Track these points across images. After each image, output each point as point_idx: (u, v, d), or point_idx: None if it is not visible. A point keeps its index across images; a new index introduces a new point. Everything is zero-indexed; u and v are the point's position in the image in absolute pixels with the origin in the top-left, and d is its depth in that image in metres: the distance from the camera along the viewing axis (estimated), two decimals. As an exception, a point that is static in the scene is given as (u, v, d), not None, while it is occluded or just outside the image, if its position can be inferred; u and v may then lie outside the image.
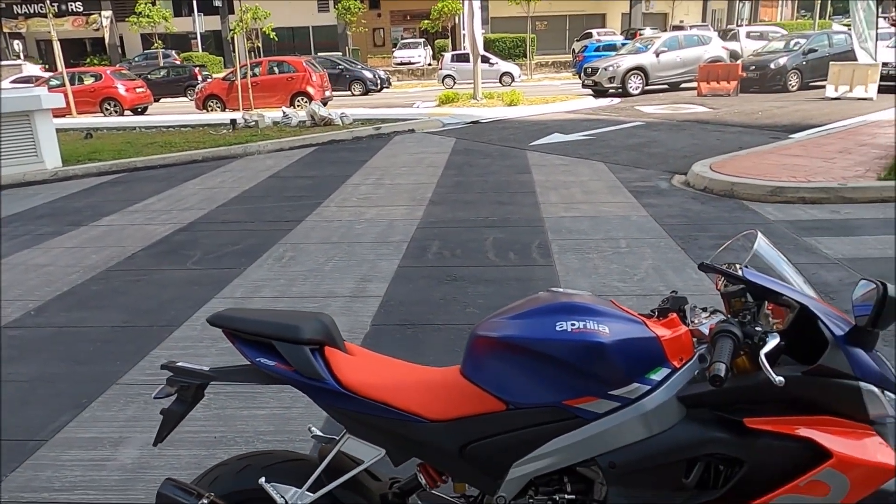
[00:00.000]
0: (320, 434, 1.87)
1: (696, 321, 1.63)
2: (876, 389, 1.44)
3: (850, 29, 16.73)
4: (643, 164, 9.34)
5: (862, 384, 1.43)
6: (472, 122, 14.67)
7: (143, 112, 21.33)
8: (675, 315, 1.63)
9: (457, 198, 7.78)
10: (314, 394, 1.59)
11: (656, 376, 1.50)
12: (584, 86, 19.94)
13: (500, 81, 25.98)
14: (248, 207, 7.73)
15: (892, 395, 1.47)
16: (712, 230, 6.12)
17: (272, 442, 2.96)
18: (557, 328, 1.51)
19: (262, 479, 1.59)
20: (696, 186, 7.96)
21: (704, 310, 1.70)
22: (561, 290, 1.68)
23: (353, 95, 24.99)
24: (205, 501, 1.56)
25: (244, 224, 6.97)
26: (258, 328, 1.62)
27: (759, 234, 1.68)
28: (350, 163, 10.35)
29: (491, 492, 1.58)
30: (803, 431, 1.43)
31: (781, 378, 1.31)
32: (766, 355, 1.38)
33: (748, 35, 25.93)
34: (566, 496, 1.56)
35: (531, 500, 1.56)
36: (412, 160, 10.40)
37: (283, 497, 1.58)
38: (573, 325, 1.51)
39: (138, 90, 21.46)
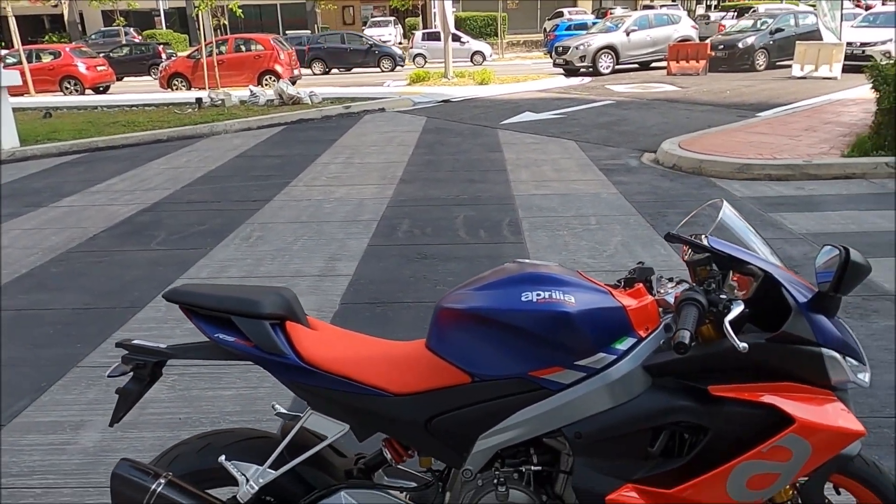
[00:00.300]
0: (284, 412, 1.83)
1: (662, 291, 1.62)
2: (837, 355, 1.44)
3: (815, 9, 16.93)
4: (613, 143, 9.37)
5: (824, 350, 1.44)
6: (443, 101, 14.56)
7: (104, 91, 20.73)
8: (641, 285, 1.62)
9: (427, 176, 7.72)
10: (275, 369, 1.55)
11: (622, 346, 1.49)
12: (555, 65, 19.89)
13: (472, 60, 25.79)
14: (215, 187, 7.57)
15: (854, 361, 1.48)
16: (680, 207, 6.17)
17: (238, 422, 2.91)
18: (523, 298, 1.49)
19: (223, 458, 1.55)
20: (665, 164, 8.01)
21: (670, 280, 1.69)
22: (527, 260, 1.65)
23: (383, 71, 24.60)
24: (162, 481, 1.51)
25: (210, 204, 6.83)
26: (216, 303, 1.57)
27: (725, 204, 1.67)
28: (319, 142, 10.20)
29: (457, 465, 1.56)
30: (766, 398, 1.44)
31: (745, 345, 1.31)
32: (731, 323, 1.37)
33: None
34: (533, 467, 1.55)
35: (497, 473, 1.54)
36: (382, 139, 10.29)
37: (243, 475, 1.55)
38: (539, 295, 1.49)
39: (99, 68, 20.82)
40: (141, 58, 25.02)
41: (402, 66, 25.09)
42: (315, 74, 24.59)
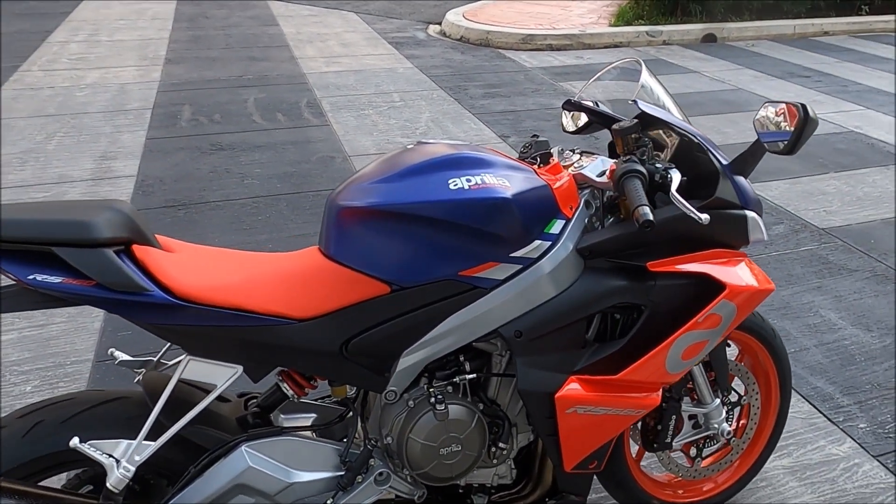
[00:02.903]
0: (128, 358, 1.41)
1: (576, 165, 1.47)
2: (756, 216, 1.43)
3: None
4: (396, 14, 8.95)
5: (747, 212, 1.42)
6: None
7: None
8: (554, 160, 1.44)
9: (199, 55, 6.71)
10: (131, 312, 1.14)
11: (554, 230, 1.32)
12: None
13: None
14: None
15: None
16: (478, 80, 6.13)
17: (32, 375, 2.33)
18: (452, 186, 1.23)
19: (75, 440, 1.13)
20: (453, 36, 7.87)
21: (573, 152, 1.54)
22: (432, 141, 1.38)
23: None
24: None
25: None
26: (25, 231, 1.08)
27: (643, 65, 1.53)
28: (45, 15, 8.31)
29: (378, 389, 1.33)
30: (698, 267, 1.39)
31: (707, 216, 1.22)
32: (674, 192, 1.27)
33: None
34: (466, 377, 1.37)
35: (431, 389, 1.34)
36: (130, 11, 8.68)
37: (110, 456, 1.15)
38: (469, 180, 1.24)
39: None
40: None
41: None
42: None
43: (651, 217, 1.15)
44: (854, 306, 2.83)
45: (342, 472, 1.33)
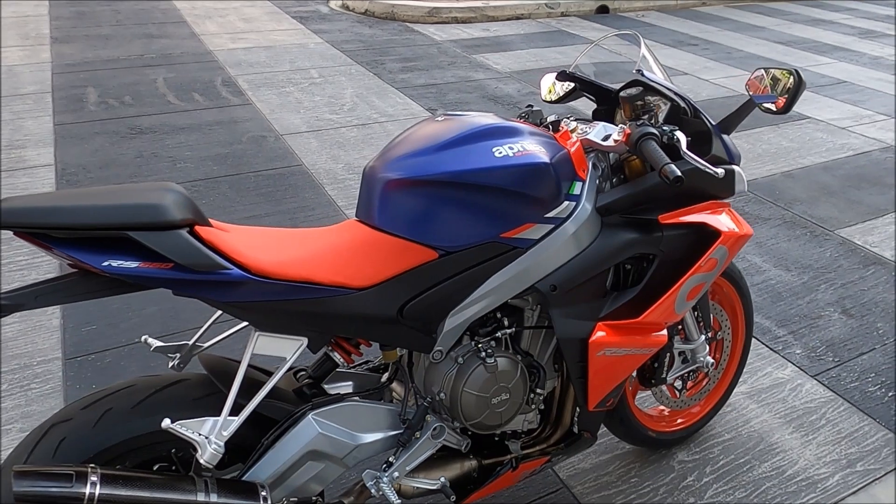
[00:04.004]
0: (162, 344, 1.41)
1: (580, 131, 1.59)
2: (741, 170, 1.62)
3: None
4: (293, -13, 8.69)
5: (735, 167, 1.60)
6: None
7: None
8: (564, 128, 1.56)
9: (88, 32, 6.26)
10: (208, 291, 1.14)
11: (576, 191, 1.45)
12: None
13: None
14: None
15: (738, 171, 1.69)
16: (392, 54, 6.13)
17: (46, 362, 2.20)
18: (497, 154, 1.32)
19: (167, 421, 1.13)
20: (357, 10, 7.78)
21: (569, 118, 1.66)
22: (459, 112, 1.45)
23: None
24: (94, 479, 1.05)
25: None
26: (96, 217, 1.05)
27: (641, 38, 1.66)
28: None
29: (427, 349, 1.41)
30: (698, 217, 1.57)
31: (721, 170, 1.38)
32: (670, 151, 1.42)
33: None
34: (507, 331, 1.48)
35: (479, 345, 1.43)
36: (-6, -15, 7.89)
37: (200, 434, 1.16)
38: (511, 148, 1.34)
39: None
40: None
41: None
42: None
43: (679, 173, 1.30)
44: (773, 250, 3.18)
45: (401, 430, 1.41)
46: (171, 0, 7.68)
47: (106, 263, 1.07)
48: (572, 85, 1.80)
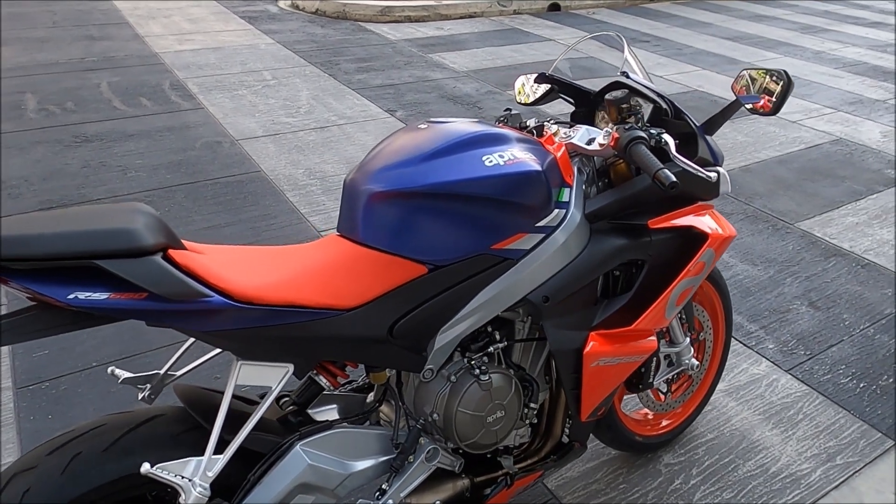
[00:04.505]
0: (132, 375, 1.31)
1: (562, 135, 1.55)
2: (725, 172, 1.61)
3: None
4: (240, -14, 8.46)
5: (719, 169, 1.58)
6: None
7: None
8: (548, 133, 1.52)
9: (21, 35, 5.95)
10: (185, 321, 1.05)
11: (564, 198, 1.40)
12: None
13: None
14: None
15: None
16: (347, 54, 6.02)
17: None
18: (487, 163, 1.26)
19: (146, 466, 1.03)
20: (307, 10, 7.62)
21: (549, 122, 1.62)
22: (440, 120, 1.39)
23: None
24: None
25: None
26: (60, 245, 0.95)
27: (624, 40, 1.63)
28: None
29: (417, 368, 1.34)
30: (686, 221, 1.54)
31: (714, 174, 1.35)
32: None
33: None
34: (499, 345, 1.42)
35: (471, 362, 1.37)
36: (-83, -14, 7.44)
37: (182, 477, 1.07)
38: (501, 157, 1.28)
39: None
40: None
41: None
42: None
43: (675, 179, 1.26)
44: (738, 245, 3.22)
45: (393, 455, 1.34)
46: (111, 0, 7.38)
47: (72, 296, 0.97)
48: (548, 87, 1.76)
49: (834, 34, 7.82)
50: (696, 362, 1.87)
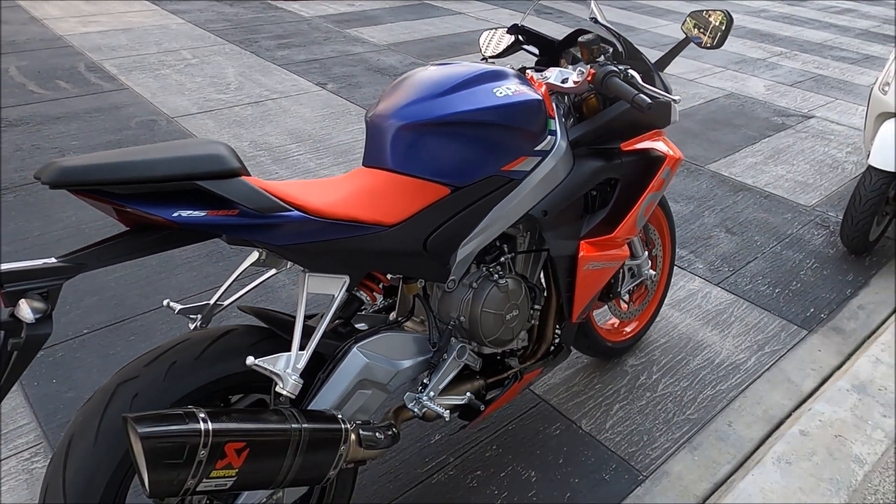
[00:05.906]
0: (184, 307, 1.44)
1: (538, 77, 1.78)
2: (673, 102, 1.90)
3: None
4: (134, -34, 8.11)
5: (672, 98, 1.87)
6: None
7: None
8: (529, 75, 1.74)
9: None
10: (268, 235, 1.19)
11: (553, 127, 1.64)
12: None
13: None
14: None
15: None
16: (263, 31, 5.99)
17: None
18: (498, 94, 1.47)
19: (251, 359, 1.17)
20: (211, -12, 7.44)
21: (526, 68, 1.85)
22: (447, 62, 1.58)
23: None
24: (202, 415, 1.08)
25: None
26: (163, 169, 1.07)
27: None
28: None
29: (444, 279, 1.54)
30: (648, 144, 1.82)
31: (678, 97, 1.62)
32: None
33: None
34: (507, 256, 1.65)
35: (490, 270, 1.59)
36: None
37: (277, 369, 1.21)
38: (509, 89, 1.49)
39: None
40: None
41: None
42: None
43: (650, 101, 1.52)
44: (660, 187, 3.60)
45: (430, 354, 1.54)
46: (-5, -17, 6.91)
47: (176, 214, 1.11)
48: (512, 39, 1.98)
49: (713, 3, 8.51)
50: (654, 272, 2.18)
